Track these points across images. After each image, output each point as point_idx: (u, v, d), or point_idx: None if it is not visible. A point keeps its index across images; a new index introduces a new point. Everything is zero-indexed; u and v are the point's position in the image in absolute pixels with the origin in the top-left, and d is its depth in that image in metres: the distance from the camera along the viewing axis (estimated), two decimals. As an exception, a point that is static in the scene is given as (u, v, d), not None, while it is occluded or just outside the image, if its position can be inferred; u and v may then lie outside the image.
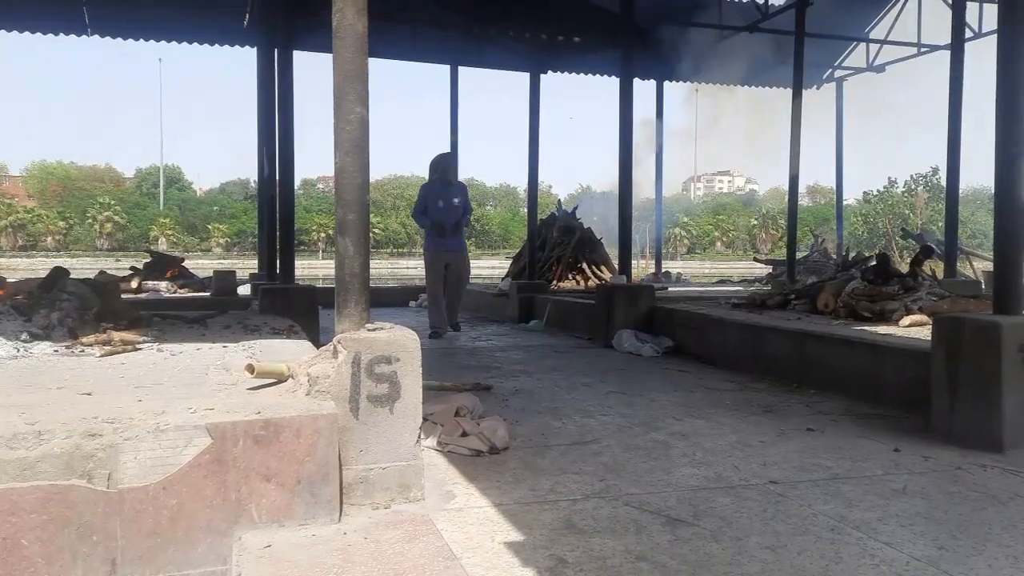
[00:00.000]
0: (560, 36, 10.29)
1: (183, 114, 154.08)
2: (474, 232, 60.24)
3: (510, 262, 14.45)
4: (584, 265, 12.60)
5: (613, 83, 11.89)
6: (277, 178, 7.90)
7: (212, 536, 2.34)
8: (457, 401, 3.89)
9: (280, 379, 2.90)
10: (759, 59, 13.29)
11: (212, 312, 5.43)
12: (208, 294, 9.34)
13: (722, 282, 15.90)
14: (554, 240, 12.88)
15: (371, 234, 3.16)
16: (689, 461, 3.50)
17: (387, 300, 12.63)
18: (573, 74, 13.30)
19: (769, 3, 12.32)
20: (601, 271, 12.49)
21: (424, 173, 8.95)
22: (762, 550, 2.48)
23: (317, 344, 4.03)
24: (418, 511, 2.69)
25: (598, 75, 13.50)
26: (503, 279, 12.98)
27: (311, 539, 2.40)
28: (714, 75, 14.67)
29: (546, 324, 9.33)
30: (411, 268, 40.00)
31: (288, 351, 3.59)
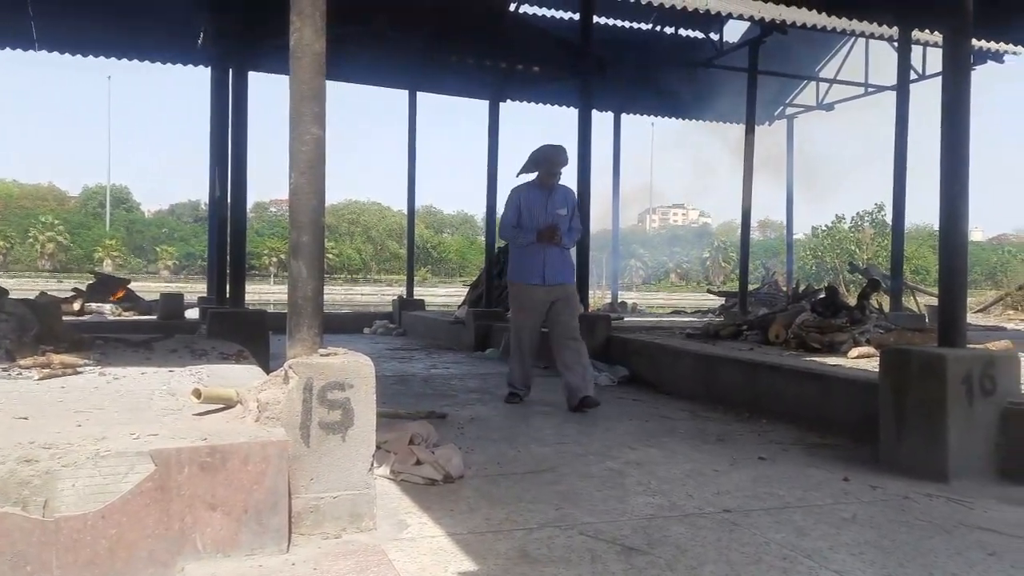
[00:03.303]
0: (520, 65, 10.38)
1: (132, 133, 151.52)
2: (430, 259, 60.08)
3: (467, 290, 14.43)
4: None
5: (572, 113, 12.02)
6: (229, 200, 7.79)
7: (154, 567, 2.25)
8: (411, 429, 3.83)
9: (228, 405, 2.82)
10: (714, 95, 13.60)
11: (158, 336, 5.30)
12: (155, 317, 9.13)
13: (676, 313, 16.06)
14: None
15: (325, 259, 3.11)
16: (644, 489, 3.49)
17: (341, 327, 12.47)
18: (532, 103, 13.43)
19: (724, 40, 12.63)
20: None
21: (385, 199, 8.57)
22: (716, 580, 2.48)
23: (267, 370, 3.94)
24: (370, 541, 2.63)
25: (557, 105, 13.65)
26: (459, 307, 12.93)
27: (258, 570, 2.32)
28: (670, 109, 14.97)
29: (502, 352, 9.29)
30: (366, 295, 39.66)
31: (237, 376, 3.51)
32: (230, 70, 7.71)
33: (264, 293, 33.66)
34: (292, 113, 2.79)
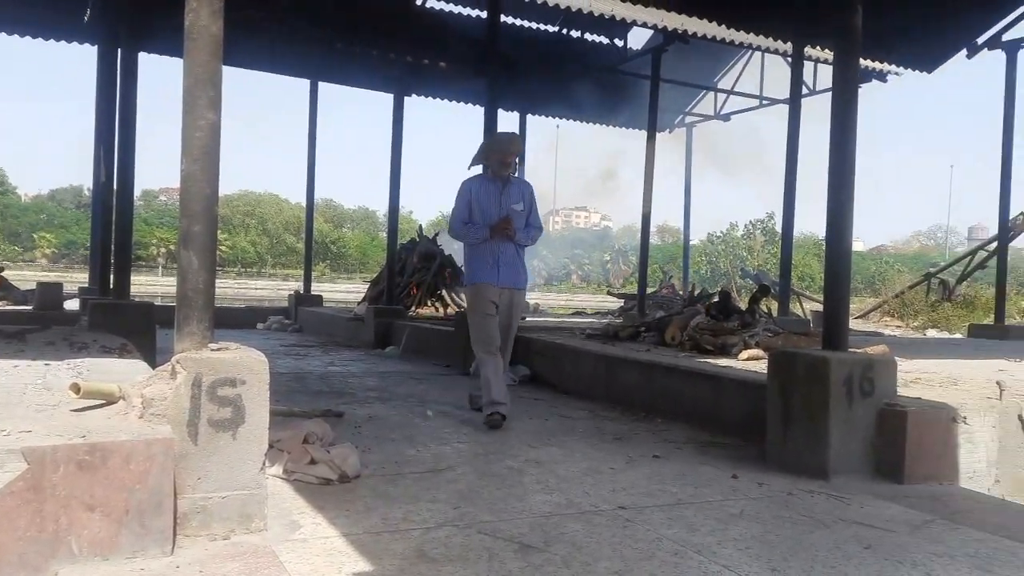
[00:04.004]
0: (426, 60, 10.32)
1: (9, 112, 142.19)
2: (329, 255, 58.87)
3: (367, 286, 14.21)
4: (444, 292, 12.57)
5: (478, 111, 12.00)
6: (114, 186, 7.40)
7: (24, 571, 2.11)
8: (306, 427, 3.73)
9: (110, 401, 2.67)
10: (618, 100, 13.89)
11: (33, 327, 4.97)
12: (30, 307, 8.57)
13: (578, 314, 16.31)
14: (414, 266, 12.79)
15: (218, 251, 2.99)
16: (542, 488, 3.52)
17: (233, 322, 12.07)
18: (438, 99, 13.36)
19: (629, 47, 12.91)
20: (461, 299, 12.49)
21: (283, 191, 8.31)
22: (610, 575, 2.51)
23: (153, 365, 3.76)
24: (260, 542, 2.54)
25: (463, 103, 13.63)
26: (359, 303, 12.73)
27: (139, 574, 2.21)
28: (576, 112, 15.18)
29: (403, 351, 9.20)
30: (261, 289, 38.51)
31: (120, 371, 3.33)
32: (119, 50, 7.32)
33: (151, 285, 32.21)
34: (186, 97, 2.67)
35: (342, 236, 63.59)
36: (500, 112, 8.92)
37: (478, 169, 5.36)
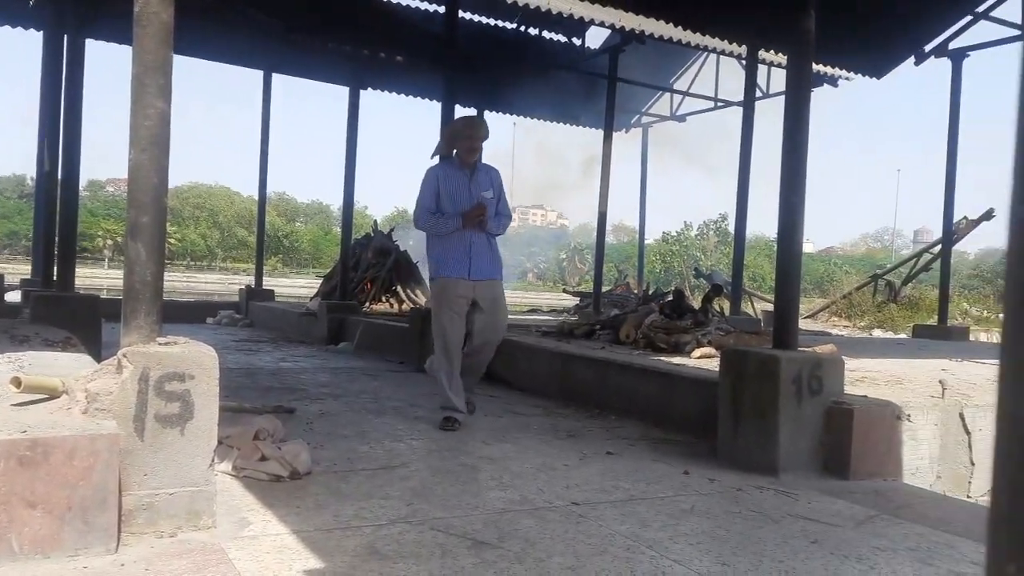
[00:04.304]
0: (383, 53, 10.22)
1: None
2: (282, 249, 58.06)
3: (321, 281, 14.05)
4: (399, 288, 12.49)
5: (435, 106, 11.93)
6: (59, 176, 7.18)
7: (-44, 573, 2.03)
8: (257, 424, 3.67)
9: (53, 395, 2.59)
10: (575, 99, 13.94)
11: (-27, 319, 4.80)
12: (-30, 300, 8.28)
13: (533, 311, 16.36)
14: (368, 261, 12.68)
15: (167, 243, 2.92)
16: (496, 484, 3.51)
17: (182, 316, 11.82)
18: (394, 94, 13.27)
19: (587, 46, 12.96)
20: (416, 295, 12.43)
21: (235, 184, 8.12)
22: (563, 570, 2.52)
23: (99, 359, 3.66)
24: (208, 540, 2.49)
25: (420, 97, 13.55)
26: (312, 299, 12.58)
27: (81, 572, 2.14)
28: (534, 110, 15.20)
29: (357, 347, 9.11)
30: (211, 283, 37.78)
31: (64, 365, 3.24)
32: (65, 35, 7.11)
33: (97, 277, 31.38)
34: (135, 85, 2.60)
35: (295, 230, 62.82)
36: (457, 107, 8.86)
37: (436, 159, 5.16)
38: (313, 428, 4.50)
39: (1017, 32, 9.74)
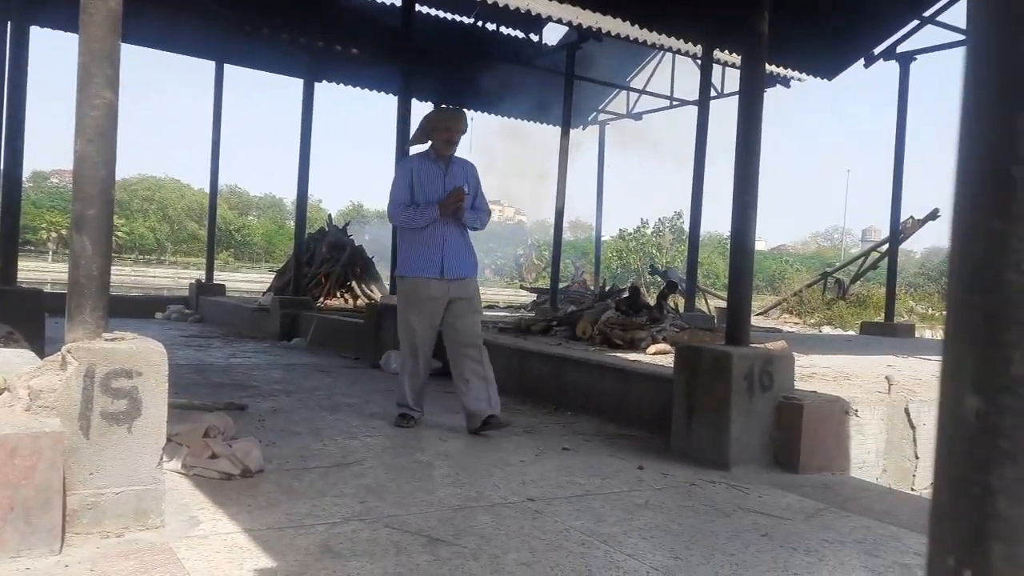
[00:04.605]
0: (338, 45, 10.09)
1: None
2: (233, 242, 57.10)
3: (274, 276, 13.85)
4: (354, 283, 12.38)
5: (391, 100, 11.84)
6: (1, 166, 6.97)
7: None
8: (207, 421, 3.60)
9: (-8, 392, 2.50)
10: (533, 95, 13.95)
11: (-92, 314, 4.63)
12: (-95, 294, 7.97)
13: (491, 307, 16.34)
14: (323, 256, 12.54)
15: (114, 236, 2.85)
16: (452, 481, 3.50)
17: (130, 311, 11.55)
18: (350, 87, 13.13)
19: (544, 42, 12.97)
20: (371, 290, 12.34)
21: (185, 176, 7.94)
22: (518, 566, 2.52)
23: (42, 355, 3.55)
24: (156, 539, 2.44)
25: (376, 91, 13.43)
26: (264, 294, 12.41)
27: (23, 574, 2.08)
28: (491, 106, 15.18)
29: (310, 342, 9.01)
30: (160, 277, 36.97)
31: (5, 361, 3.14)
32: (9, 22, 6.90)
33: (41, 271, 30.51)
34: (81, 74, 2.53)
35: (247, 224, 61.80)
36: (414, 102, 8.81)
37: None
38: (265, 425, 4.43)
39: (962, 36, 10.01)
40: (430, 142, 4.75)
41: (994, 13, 0.34)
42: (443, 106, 4.92)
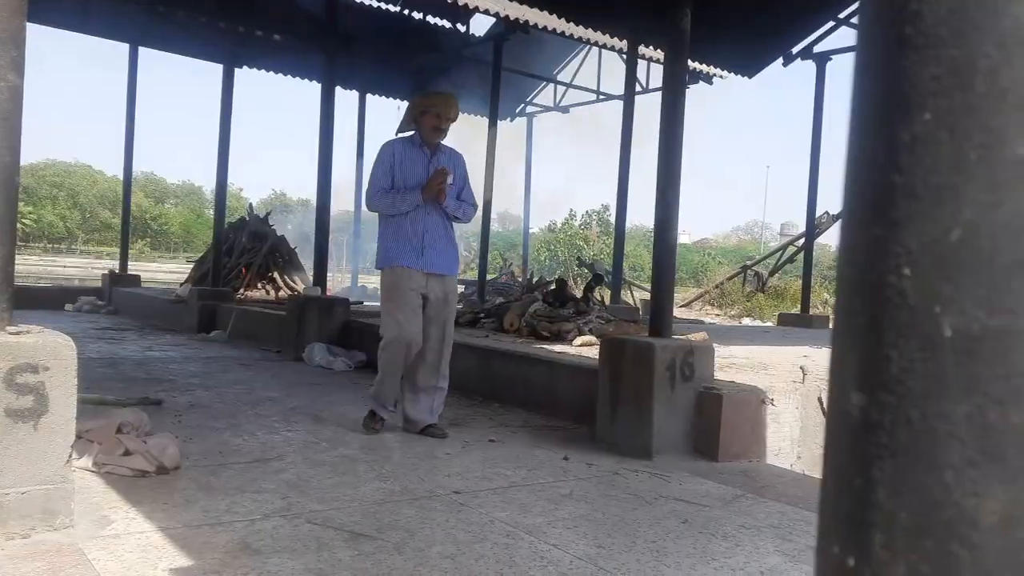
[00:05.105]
0: (259, 31, 9.82)
1: None
2: (149, 232, 55.15)
3: (192, 267, 13.46)
4: (276, 274, 12.12)
5: (315, 87, 11.61)
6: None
7: None
8: (120, 417, 3.48)
9: None
10: (460, 85, 13.87)
11: None
12: None
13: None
14: (243, 246, 12.24)
15: (20, 224, 2.72)
16: (376, 475, 3.47)
17: (38, 302, 11.04)
18: (272, 73, 12.83)
19: (472, 33, 12.92)
20: (294, 281, 12.10)
21: (97, 162, 7.58)
22: (443, 559, 2.52)
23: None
24: (65, 540, 2.35)
25: (299, 78, 13.15)
26: (182, 285, 12.04)
27: (-85, 584, 1.97)
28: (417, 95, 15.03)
29: (230, 335, 8.79)
30: (71, 267, 35.43)
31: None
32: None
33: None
34: (-17, 55, 2.40)
35: (164, 212, 59.71)
36: (339, 90, 8.67)
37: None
38: (182, 421, 4.31)
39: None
40: (414, 128, 4.43)
41: (878, 34, 0.35)
42: (433, 90, 4.52)
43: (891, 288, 0.34)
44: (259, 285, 11.83)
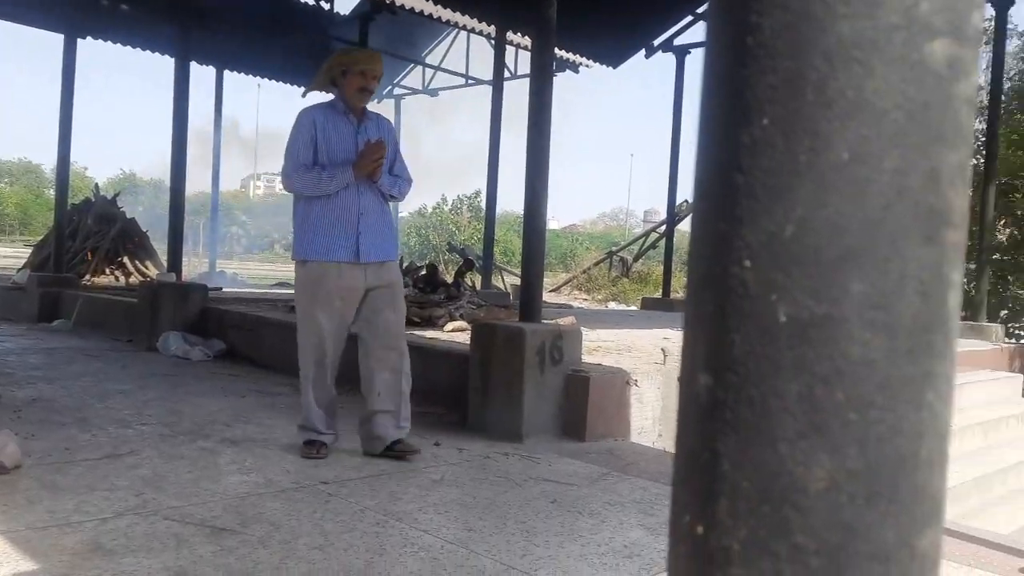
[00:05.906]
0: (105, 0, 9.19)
1: None
2: (-14, 214, 50.67)
3: (31, 251, 12.50)
4: (126, 259, 11.45)
5: (168, 61, 11.03)
6: None
7: None
8: (-49, 414, 3.20)
9: None
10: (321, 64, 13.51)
11: None
12: None
13: (281, 285, 15.75)
14: (89, 229, 11.47)
15: None
16: (238, 468, 3.36)
17: None
18: (120, 45, 12.05)
19: (337, 11, 12.59)
20: (146, 267, 11.47)
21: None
22: (311, 551, 2.48)
23: None
24: None
25: (152, 52, 12.42)
26: (19, 270, 11.16)
27: None
28: (278, 73, 14.55)
29: (76, 324, 8.22)
30: None
31: None
32: None
33: None
34: None
35: (-1, 192, 55.03)
36: (193, 65, 8.24)
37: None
38: (22, 416, 4.01)
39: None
40: (333, 92, 3.77)
41: (723, 42, 0.38)
42: (355, 46, 3.76)
43: (734, 279, 0.38)
44: (107, 270, 11.15)
